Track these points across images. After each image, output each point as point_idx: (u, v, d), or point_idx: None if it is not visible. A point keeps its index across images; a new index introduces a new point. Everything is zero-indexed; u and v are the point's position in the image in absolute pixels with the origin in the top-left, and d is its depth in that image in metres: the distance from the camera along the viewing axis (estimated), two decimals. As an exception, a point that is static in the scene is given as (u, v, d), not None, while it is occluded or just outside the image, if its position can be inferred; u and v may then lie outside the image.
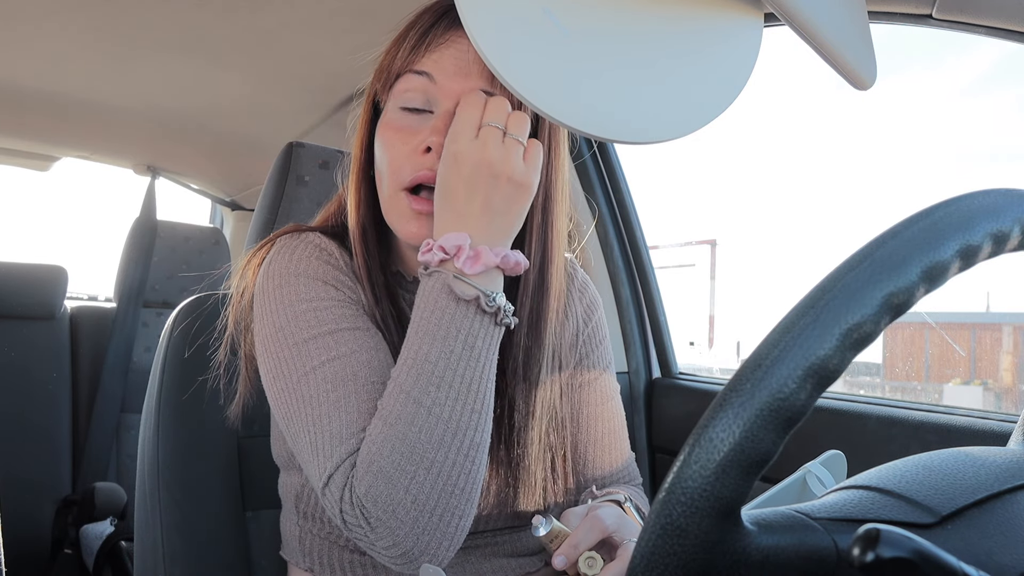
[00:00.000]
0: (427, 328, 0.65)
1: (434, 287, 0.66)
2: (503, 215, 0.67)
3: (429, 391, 0.63)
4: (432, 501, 0.62)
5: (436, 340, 0.64)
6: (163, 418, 0.92)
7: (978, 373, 3.17)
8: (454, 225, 0.66)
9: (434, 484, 0.62)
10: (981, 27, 0.75)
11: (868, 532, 0.30)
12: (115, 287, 2.29)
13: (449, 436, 0.63)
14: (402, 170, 0.72)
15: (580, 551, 0.67)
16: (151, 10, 1.30)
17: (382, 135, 0.75)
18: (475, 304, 0.65)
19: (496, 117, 0.67)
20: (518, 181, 0.67)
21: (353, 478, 0.64)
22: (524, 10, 0.64)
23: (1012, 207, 0.40)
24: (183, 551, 0.89)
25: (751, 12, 0.72)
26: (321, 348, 0.69)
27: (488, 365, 0.66)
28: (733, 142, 35.99)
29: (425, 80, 0.72)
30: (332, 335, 0.70)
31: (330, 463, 0.65)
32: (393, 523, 0.61)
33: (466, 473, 0.64)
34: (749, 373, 0.36)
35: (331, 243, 0.78)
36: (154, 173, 2.35)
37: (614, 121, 0.65)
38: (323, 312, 0.71)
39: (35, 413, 2.05)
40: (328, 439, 0.66)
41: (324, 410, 0.67)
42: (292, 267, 0.74)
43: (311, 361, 0.69)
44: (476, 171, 0.65)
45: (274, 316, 0.72)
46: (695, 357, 1.95)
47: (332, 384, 0.68)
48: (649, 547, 0.36)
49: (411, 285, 0.82)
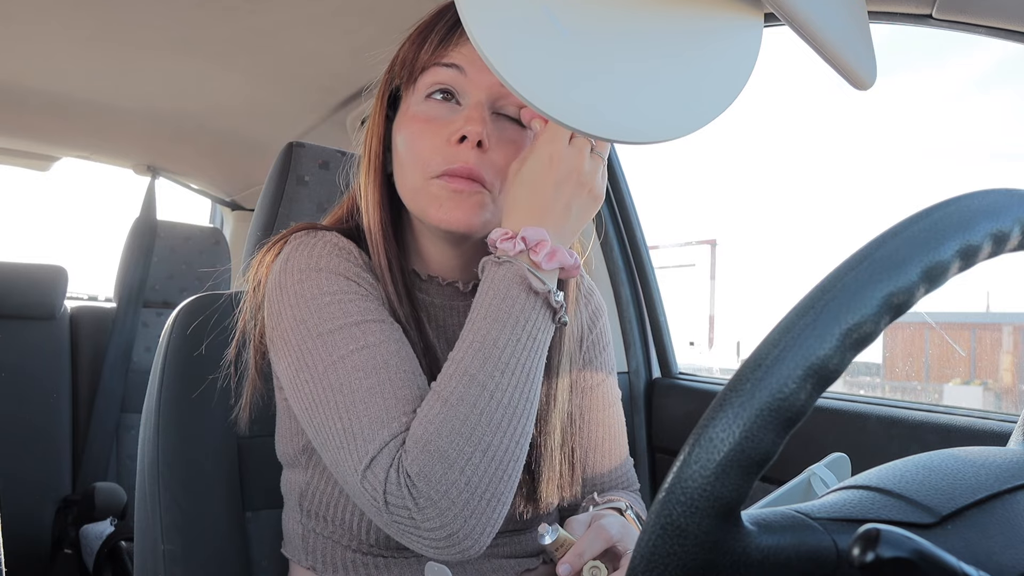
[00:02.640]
0: (497, 314, 0.66)
1: (507, 275, 0.67)
2: (577, 220, 0.70)
3: (494, 376, 0.64)
4: (484, 484, 0.62)
5: (506, 327, 0.66)
6: (163, 418, 0.92)
7: (978, 373, 3.16)
8: (535, 220, 0.68)
9: (487, 468, 0.63)
10: (981, 27, 0.75)
11: (868, 532, 0.30)
12: (115, 287, 2.29)
13: (507, 421, 0.64)
14: (432, 160, 0.73)
15: (585, 560, 0.67)
16: (151, 10, 1.30)
17: (408, 126, 0.75)
18: (544, 298, 0.67)
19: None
20: (596, 194, 0.71)
21: (402, 459, 0.63)
22: (524, 10, 0.64)
23: (1012, 207, 0.40)
24: (183, 551, 0.89)
25: (751, 12, 0.72)
26: (348, 338, 0.69)
27: (543, 358, 0.68)
28: (733, 142, 35.89)
29: (455, 72, 0.73)
30: (359, 326, 0.70)
31: (372, 445, 0.64)
32: (444, 504, 0.61)
33: (515, 460, 0.65)
34: (749, 373, 0.36)
35: (348, 242, 0.78)
36: (154, 173, 2.35)
37: (614, 121, 0.65)
38: (348, 304, 0.71)
39: (35, 413, 2.05)
40: (368, 423, 0.65)
41: (360, 396, 0.66)
42: (312, 262, 0.74)
43: (339, 350, 0.68)
44: (568, 175, 0.69)
45: (295, 309, 0.72)
46: (695, 357, 1.95)
47: (364, 372, 0.67)
48: (649, 547, 0.36)
49: (425, 284, 0.82)
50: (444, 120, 0.73)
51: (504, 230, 0.68)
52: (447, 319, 0.82)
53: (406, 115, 0.76)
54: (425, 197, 0.74)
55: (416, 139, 0.74)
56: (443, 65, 0.73)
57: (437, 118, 0.74)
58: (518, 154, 0.74)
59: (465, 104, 0.74)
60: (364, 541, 0.76)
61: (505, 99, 0.74)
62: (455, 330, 0.82)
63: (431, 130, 0.73)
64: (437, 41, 0.74)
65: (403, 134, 0.76)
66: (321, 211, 1.07)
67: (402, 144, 0.76)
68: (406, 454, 0.63)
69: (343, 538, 0.78)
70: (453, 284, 0.82)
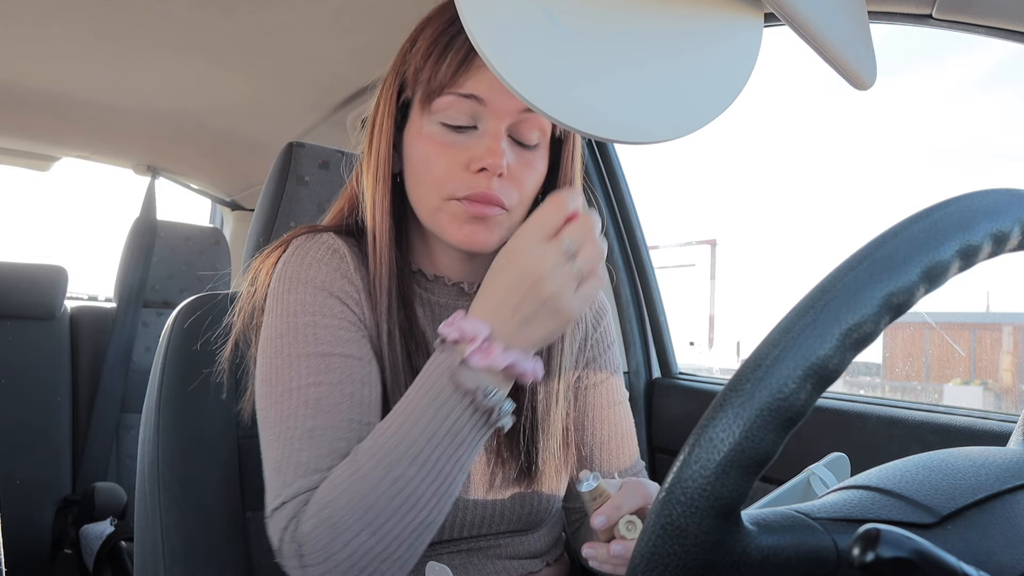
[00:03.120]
0: (419, 402, 0.64)
1: (440, 364, 0.65)
2: (532, 331, 0.64)
3: (401, 463, 0.63)
4: (366, 561, 0.62)
5: (423, 418, 0.63)
6: (163, 418, 0.92)
7: (978, 373, 3.16)
8: (484, 313, 0.64)
9: (372, 548, 0.62)
10: (981, 27, 0.75)
11: (868, 532, 0.30)
12: (115, 287, 2.29)
13: (404, 511, 0.63)
14: (449, 183, 0.72)
15: (622, 513, 0.65)
16: (151, 10, 1.30)
17: (424, 146, 0.73)
18: (471, 397, 0.63)
19: (574, 236, 0.63)
20: (559, 310, 0.63)
21: (301, 515, 0.64)
22: (524, 10, 0.64)
23: (1012, 207, 0.40)
24: (183, 551, 0.89)
25: (751, 12, 0.72)
26: (310, 369, 0.70)
27: (468, 456, 0.65)
28: (733, 142, 35.80)
29: (473, 102, 0.71)
30: (323, 358, 0.70)
31: (286, 491, 0.66)
32: (323, 570, 0.62)
33: (408, 545, 0.64)
34: (749, 373, 0.36)
35: (344, 244, 0.77)
36: (154, 173, 2.35)
37: (614, 121, 0.65)
38: (321, 330, 0.71)
39: (35, 413, 2.05)
40: (293, 467, 0.66)
41: (298, 434, 0.67)
42: (303, 272, 0.74)
43: (297, 379, 0.70)
44: (523, 278, 0.63)
45: (278, 320, 0.73)
46: (695, 357, 1.94)
47: (313, 410, 0.68)
48: (649, 547, 0.36)
49: (431, 284, 0.82)
50: (461, 146, 0.72)
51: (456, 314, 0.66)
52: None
53: (420, 133, 0.74)
54: (444, 217, 0.73)
55: (432, 162, 0.73)
56: (461, 95, 0.71)
57: (454, 144, 0.72)
58: (534, 174, 0.74)
59: (483, 130, 0.72)
60: None
61: (522, 124, 0.73)
62: None
63: (448, 155, 0.72)
64: (456, 64, 0.70)
65: (417, 152, 0.74)
66: (321, 211, 1.07)
67: (416, 161, 0.74)
68: (304, 513, 0.64)
69: None
70: (458, 284, 0.82)
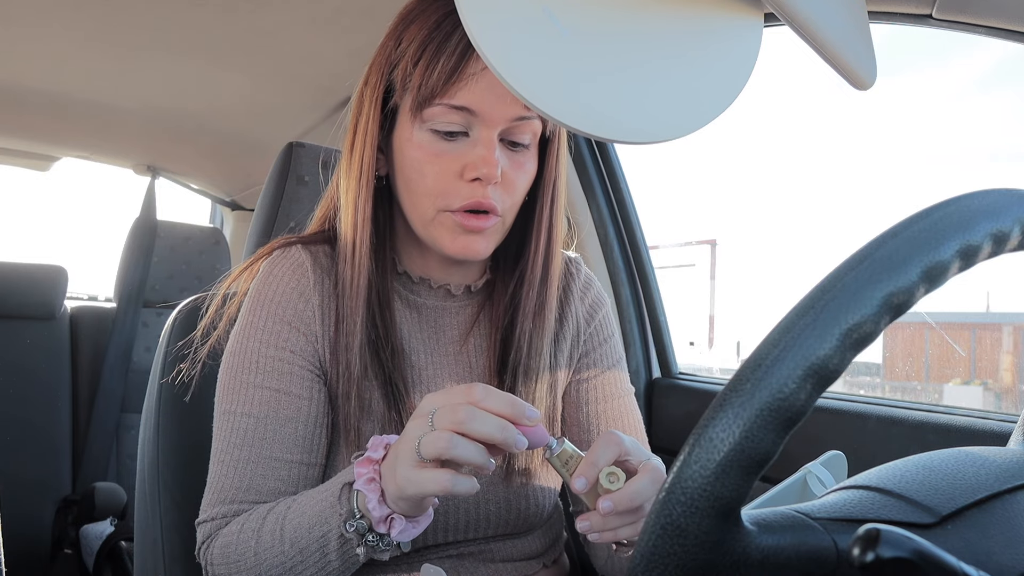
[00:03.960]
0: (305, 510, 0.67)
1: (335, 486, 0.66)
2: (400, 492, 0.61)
3: (272, 551, 0.68)
4: None
5: (301, 527, 0.67)
6: (163, 418, 0.92)
7: (978, 373, 3.16)
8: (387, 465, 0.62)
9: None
10: (981, 27, 0.75)
11: (868, 532, 0.30)
12: (115, 287, 2.28)
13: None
14: (446, 195, 0.72)
15: (600, 468, 0.62)
16: (151, 10, 1.30)
17: (415, 153, 0.73)
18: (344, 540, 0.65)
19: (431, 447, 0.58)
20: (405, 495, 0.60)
21: (213, 540, 0.72)
22: (524, 10, 0.64)
23: (1012, 207, 0.40)
24: (183, 551, 0.89)
25: (751, 12, 0.72)
26: (243, 397, 0.74)
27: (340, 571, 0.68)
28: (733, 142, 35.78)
29: (465, 114, 0.70)
30: (257, 389, 0.74)
31: (212, 509, 0.73)
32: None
33: None
34: (749, 373, 0.36)
35: (310, 258, 0.78)
36: (154, 173, 2.35)
37: (614, 121, 0.65)
38: (263, 360, 0.75)
39: (35, 413, 2.05)
40: (217, 490, 0.73)
41: (226, 459, 0.73)
42: (264, 291, 0.77)
43: (232, 404, 0.74)
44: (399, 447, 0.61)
45: (235, 339, 0.77)
46: (695, 357, 1.94)
47: (240, 439, 0.73)
48: (649, 547, 0.36)
49: (416, 287, 0.82)
50: (454, 154, 0.72)
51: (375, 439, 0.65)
52: (439, 319, 0.82)
53: (410, 140, 0.73)
54: (438, 229, 0.73)
55: (424, 170, 0.72)
56: (453, 107, 0.70)
57: (446, 152, 0.72)
58: (525, 176, 0.75)
59: (475, 137, 0.71)
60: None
61: (515, 129, 0.72)
62: (448, 331, 0.82)
63: (441, 163, 0.72)
64: (447, 73, 0.68)
65: (409, 158, 0.73)
66: (321, 211, 1.07)
67: (408, 169, 0.74)
68: (215, 540, 0.72)
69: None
70: (445, 287, 0.82)
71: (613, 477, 0.62)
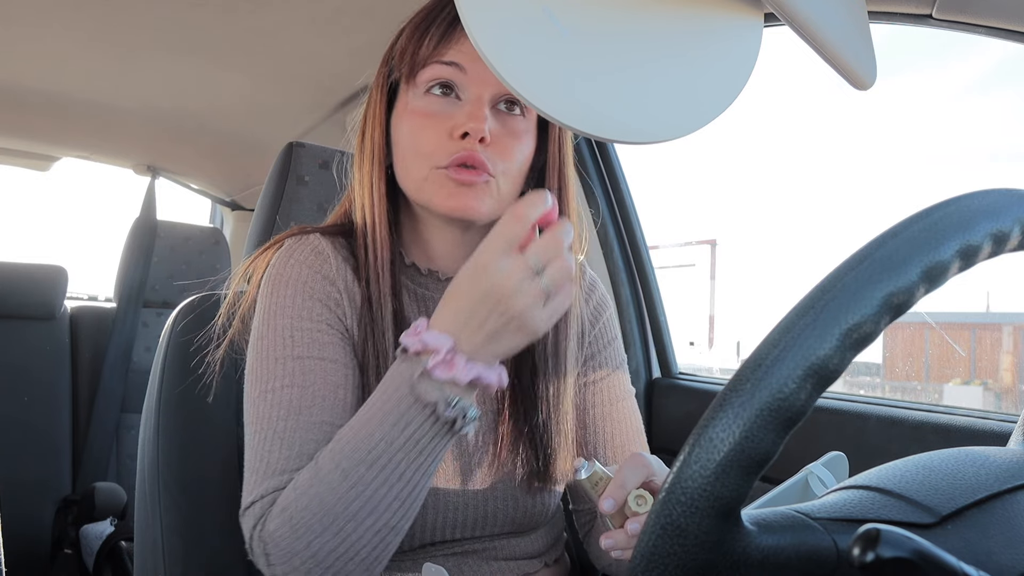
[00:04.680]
0: (379, 408, 0.64)
1: (401, 374, 0.64)
2: (498, 345, 0.63)
3: (359, 468, 0.63)
4: (329, 562, 0.63)
5: (383, 425, 0.63)
6: (163, 418, 0.92)
7: (978, 373, 3.16)
8: (447, 326, 0.63)
9: (335, 549, 0.63)
10: (981, 27, 0.75)
11: (868, 532, 0.30)
12: (115, 287, 2.28)
13: (364, 513, 0.63)
14: (435, 153, 0.73)
15: (628, 490, 0.63)
16: (151, 10, 1.30)
17: (409, 120, 0.75)
18: (432, 408, 0.63)
19: (541, 252, 0.61)
20: (526, 326, 0.62)
21: (268, 515, 0.66)
22: (524, 10, 0.64)
23: (1012, 207, 0.40)
24: (183, 551, 0.89)
25: (751, 12, 0.72)
26: (285, 371, 0.71)
27: (430, 463, 0.65)
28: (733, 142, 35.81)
29: (455, 70, 0.73)
30: (298, 360, 0.72)
31: (257, 489, 0.68)
32: (288, 569, 0.64)
33: (371, 548, 0.64)
34: (749, 373, 0.36)
35: (330, 245, 0.78)
36: (154, 173, 2.35)
37: (614, 121, 0.65)
38: (298, 333, 0.73)
39: (35, 413, 2.05)
40: (264, 467, 0.68)
41: (270, 435, 0.69)
42: (287, 273, 0.75)
43: (272, 381, 0.71)
44: (489, 293, 0.61)
45: (261, 322, 0.75)
46: (695, 357, 1.94)
47: (285, 411, 0.69)
48: (649, 547, 0.36)
49: (424, 279, 0.82)
50: (445, 115, 0.74)
51: (417, 324, 0.65)
52: None
53: (406, 109, 0.76)
54: (431, 186, 0.74)
55: (418, 133, 0.74)
56: (443, 63, 0.74)
57: (438, 113, 0.74)
58: (520, 145, 0.75)
59: (465, 99, 0.74)
60: None
61: (504, 95, 0.74)
62: None
63: (432, 124, 0.74)
64: (438, 37, 0.74)
65: (404, 128, 0.76)
66: (321, 211, 1.07)
67: (403, 137, 0.76)
68: (270, 513, 0.66)
69: None
70: (451, 278, 0.82)
71: (641, 500, 0.64)
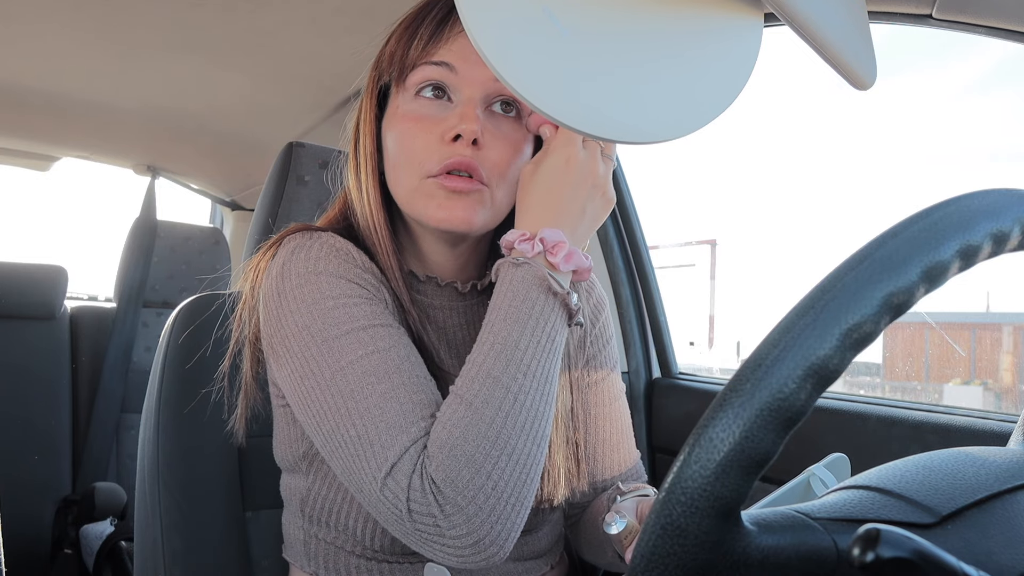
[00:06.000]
0: (517, 316, 0.66)
1: (526, 277, 0.67)
2: (591, 222, 0.72)
3: (517, 378, 0.64)
4: (510, 488, 0.62)
5: (527, 329, 0.66)
6: (163, 418, 0.92)
7: (978, 373, 3.16)
8: (551, 222, 0.69)
9: (512, 471, 0.62)
10: (981, 27, 0.75)
11: (868, 532, 0.30)
12: (115, 287, 2.29)
13: (529, 423, 0.64)
14: (427, 159, 0.72)
15: None
16: (151, 10, 1.30)
17: (399, 125, 0.74)
18: (562, 299, 0.68)
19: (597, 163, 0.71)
20: (609, 197, 0.73)
21: (426, 464, 0.61)
22: (524, 10, 0.64)
23: (1012, 207, 0.40)
24: (183, 551, 0.89)
25: (751, 12, 0.72)
26: (356, 343, 0.67)
27: (559, 360, 0.69)
28: (733, 142, 35.60)
29: (445, 70, 0.72)
30: (366, 330, 0.68)
31: (391, 452, 0.62)
32: (471, 509, 0.60)
33: (537, 463, 0.64)
34: (749, 373, 0.36)
35: (345, 243, 0.75)
36: (154, 173, 2.35)
37: (614, 121, 0.65)
38: (353, 308, 0.69)
39: (35, 413, 2.05)
40: (385, 428, 0.63)
41: (373, 401, 0.64)
42: (311, 266, 0.71)
43: (347, 356, 0.67)
44: (583, 178, 0.70)
45: (297, 315, 0.69)
46: (695, 357, 1.95)
47: (376, 376, 0.65)
48: (649, 547, 0.36)
49: (423, 286, 0.81)
50: (436, 118, 0.72)
51: (521, 232, 0.69)
52: (447, 320, 0.82)
53: (396, 114, 0.75)
54: (422, 197, 0.72)
55: (408, 138, 0.73)
56: (433, 63, 0.72)
57: (429, 116, 0.73)
58: (514, 150, 0.74)
59: (457, 101, 0.73)
60: (368, 546, 0.75)
61: (497, 95, 0.73)
62: (455, 331, 0.82)
63: (423, 128, 0.72)
64: (427, 37, 0.73)
65: (394, 133, 0.75)
66: (321, 211, 1.07)
67: (394, 143, 0.75)
68: (430, 460, 0.61)
69: (347, 543, 0.77)
70: (451, 284, 0.82)
71: None
